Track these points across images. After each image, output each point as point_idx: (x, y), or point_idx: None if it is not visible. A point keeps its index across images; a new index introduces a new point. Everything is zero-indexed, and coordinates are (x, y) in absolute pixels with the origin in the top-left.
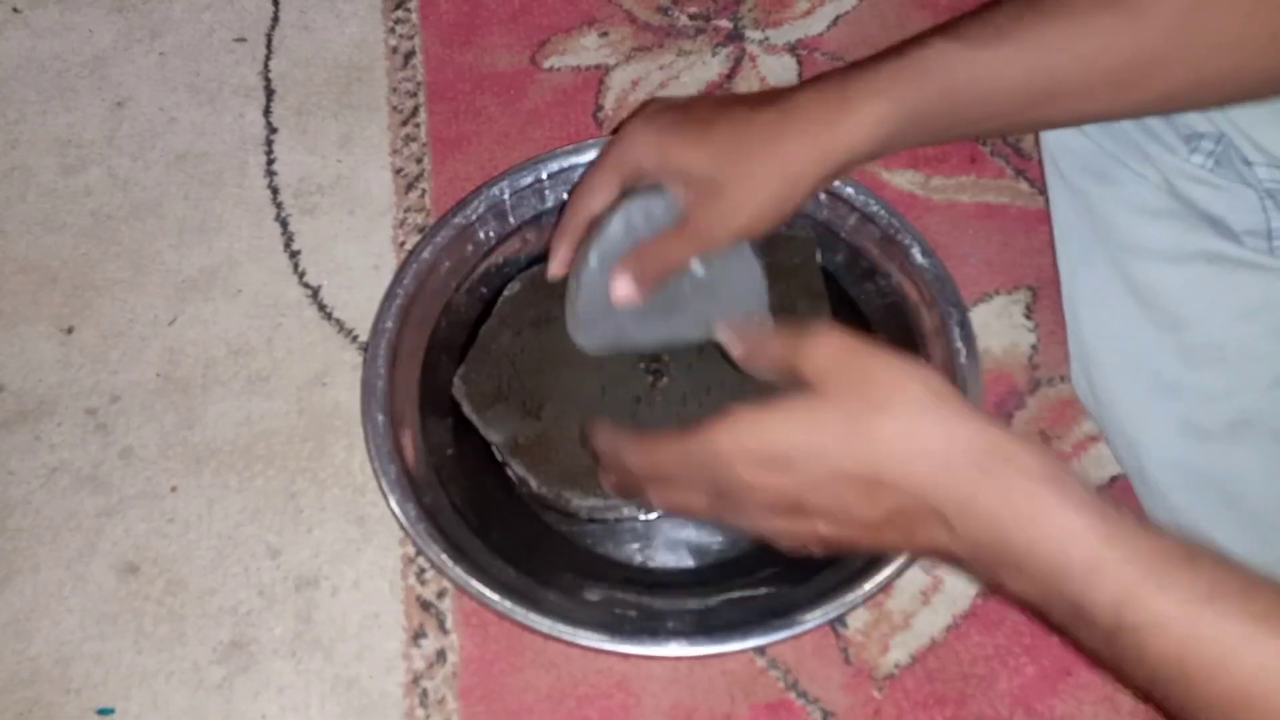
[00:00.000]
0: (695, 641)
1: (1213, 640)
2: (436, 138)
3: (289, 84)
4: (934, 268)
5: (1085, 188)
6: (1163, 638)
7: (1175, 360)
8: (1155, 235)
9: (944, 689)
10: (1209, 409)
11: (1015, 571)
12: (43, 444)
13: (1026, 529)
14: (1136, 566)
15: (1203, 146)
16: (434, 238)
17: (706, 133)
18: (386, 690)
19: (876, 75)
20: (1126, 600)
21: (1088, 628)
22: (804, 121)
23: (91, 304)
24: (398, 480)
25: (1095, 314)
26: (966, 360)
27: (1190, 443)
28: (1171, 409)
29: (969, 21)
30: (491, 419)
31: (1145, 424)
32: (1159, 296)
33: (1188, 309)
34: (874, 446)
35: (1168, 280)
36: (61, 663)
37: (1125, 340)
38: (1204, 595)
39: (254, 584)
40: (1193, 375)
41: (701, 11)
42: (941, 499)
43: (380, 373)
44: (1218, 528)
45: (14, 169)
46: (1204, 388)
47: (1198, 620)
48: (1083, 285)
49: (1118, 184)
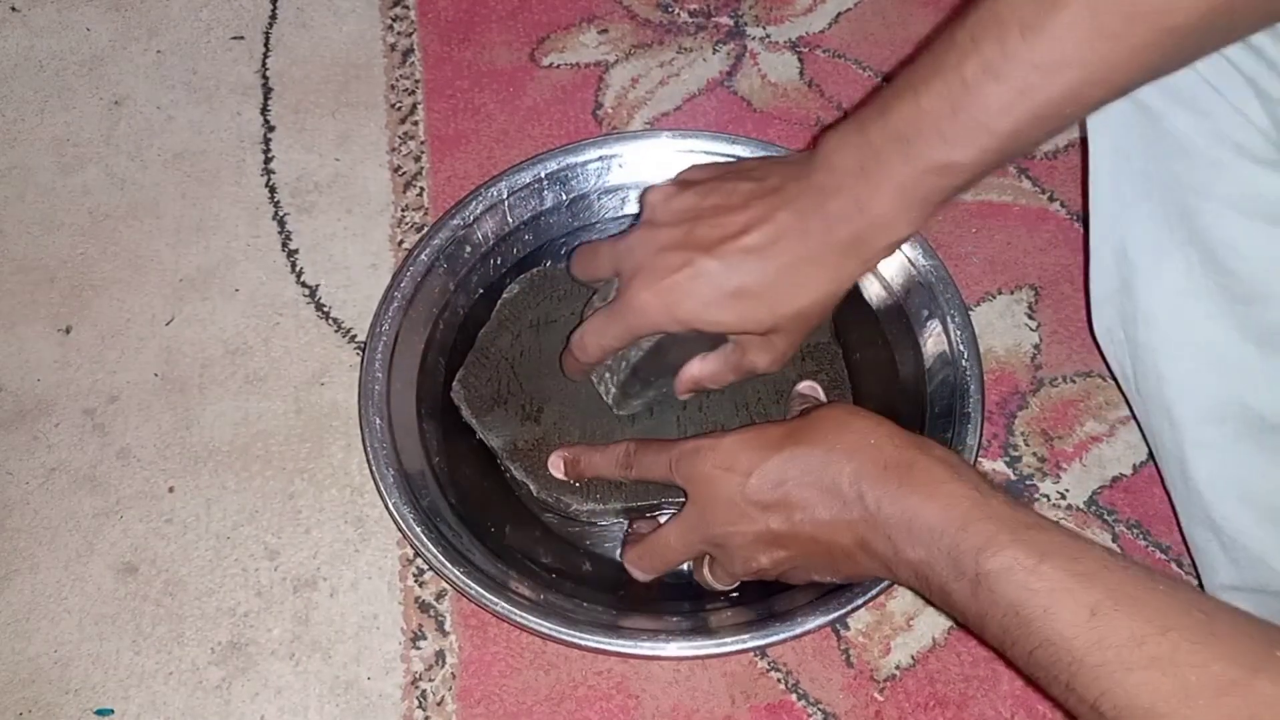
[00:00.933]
0: (695, 642)
1: (1038, 590)
2: (435, 135)
3: (287, 82)
4: (936, 269)
5: (1162, 110)
6: (1009, 583)
7: (1242, 336)
8: (1247, 184)
9: (945, 690)
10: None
11: (908, 533)
12: (41, 444)
13: (921, 493)
14: (996, 524)
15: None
16: (431, 239)
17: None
18: (385, 692)
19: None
20: (984, 548)
21: (958, 580)
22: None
23: (89, 304)
24: (396, 483)
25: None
26: (967, 361)
27: (1245, 434)
28: (1230, 392)
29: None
30: (491, 423)
31: (1196, 404)
32: (1238, 259)
33: (1274, 279)
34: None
35: (1255, 241)
36: (60, 663)
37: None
38: (1041, 551)
39: (252, 585)
40: (1265, 358)
41: (702, 8)
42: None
43: (378, 376)
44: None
45: (12, 168)
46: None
47: (1034, 571)
48: (1133, 221)
49: (1209, 116)
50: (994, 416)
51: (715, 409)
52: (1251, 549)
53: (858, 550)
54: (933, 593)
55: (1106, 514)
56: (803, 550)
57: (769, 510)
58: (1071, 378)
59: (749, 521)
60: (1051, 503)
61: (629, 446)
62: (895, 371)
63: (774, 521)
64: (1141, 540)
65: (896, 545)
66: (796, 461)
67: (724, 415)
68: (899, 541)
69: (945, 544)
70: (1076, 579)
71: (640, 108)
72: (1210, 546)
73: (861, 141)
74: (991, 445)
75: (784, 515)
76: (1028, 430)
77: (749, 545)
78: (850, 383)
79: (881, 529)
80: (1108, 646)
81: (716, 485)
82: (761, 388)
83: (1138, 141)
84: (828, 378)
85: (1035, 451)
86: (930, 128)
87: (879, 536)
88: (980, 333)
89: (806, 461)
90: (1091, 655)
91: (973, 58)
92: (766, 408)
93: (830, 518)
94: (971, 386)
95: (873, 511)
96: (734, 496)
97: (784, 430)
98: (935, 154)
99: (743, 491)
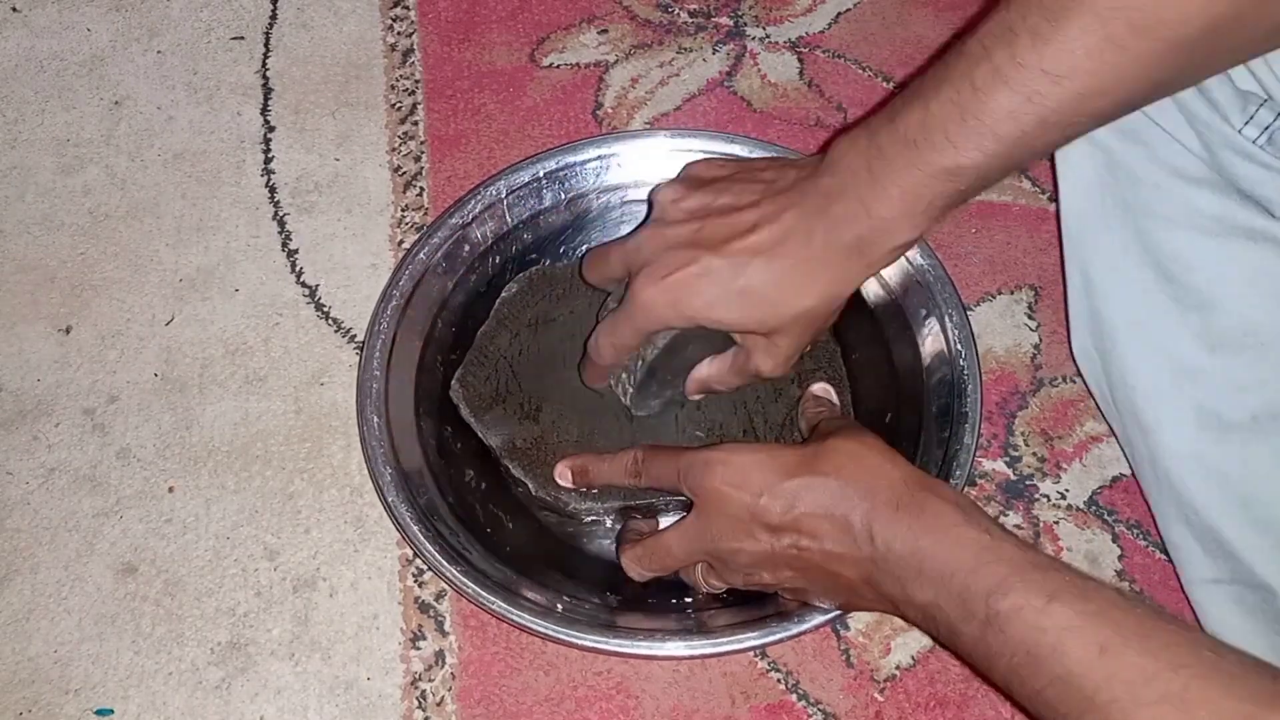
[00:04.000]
0: (695, 642)
1: (1049, 630)
2: (435, 136)
3: (287, 82)
4: (934, 269)
5: (1110, 144)
6: (1019, 623)
7: (1197, 343)
8: (1188, 203)
9: (946, 691)
10: (1232, 399)
11: (917, 575)
12: (40, 444)
13: (932, 535)
14: (1007, 566)
15: (1260, 117)
16: (430, 238)
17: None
18: (385, 692)
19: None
20: (994, 591)
21: (967, 622)
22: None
23: (89, 304)
24: (394, 481)
25: (1111, 284)
26: (965, 360)
27: (1207, 434)
28: (1190, 395)
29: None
30: (489, 422)
31: (1162, 409)
32: (1186, 271)
33: (1218, 288)
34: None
35: (1198, 254)
36: (60, 663)
37: (1144, 315)
38: (1051, 592)
39: (252, 585)
40: (1217, 361)
41: (702, 8)
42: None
43: (376, 374)
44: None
45: (12, 168)
46: (1229, 375)
47: (1043, 611)
48: (1098, 252)
49: (1149, 144)
50: (994, 416)
51: (714, 407)
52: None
53: (863, 585)
54: (940, 633)
55: (1106, 514)
56: (806, 575)
57: (776, 533)
58: (1071, 378)
59: (754, 541)
60: (1051, 503)
61: (637, 454)
62: (893, 370)
63: (780, 545)
64: (1141, 540)
65: (905, 587)
66: (808, 489)
67: (723, 414)
68: (908, 583)
69: (955, 586)
70: (1086, 618)
71: (640, 108)
72: (1186, 542)
73: (870, 145)
74: (991, 445)
75: (791, 540)
76: (1028, 430)
77: (752, 563)
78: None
79: (890, 570)
80: (1118, 683)
81: (725, 501)
82: (761, 387)
83: (1094, 176)
84: (827, 376)
85: (1035, 451)
86: (938, 131)
87: (887, 578)
88: (980, 333)
89: (819, 491)
90: (1102, 692)
91: (983, 64)
92: (765, 406)
93: (839, 551)
94: (969, 386)
95: (882, 552)
96: (741, 515)
97: (798, 456)
98: (941, 158)
99: (751, 511)
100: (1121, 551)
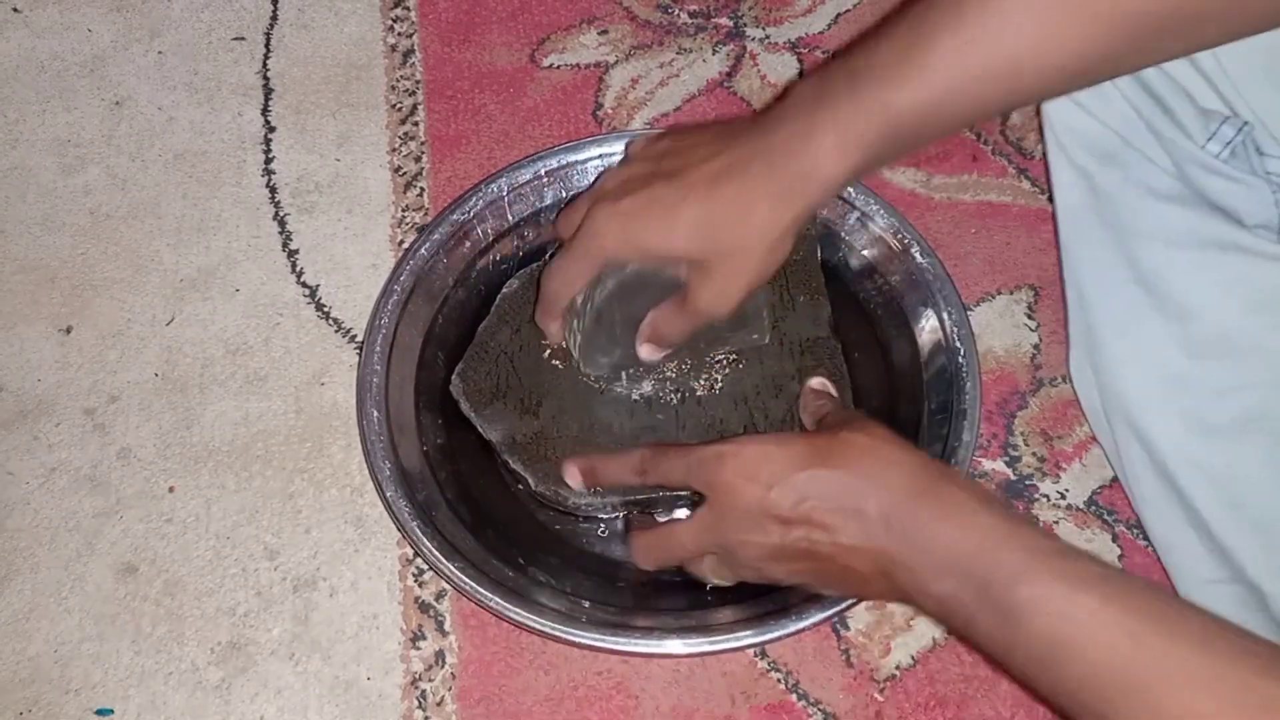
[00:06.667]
0: (695, 641)
1: (1075, 619)
2: (435, 136)
3: (287, 82)
4: (933, 267)
5: (1091, 169)
6: (1043, 612)
7: (1180, 351)
8: (1164, 219)
9: (946, 690)
10: (1215, 403)
11: (936, 563)
12: (41, 444)
13: (951, 523)
14: (1028, 555)
15: (1221, 133)
16: (431, 234)
17: (674, 217)
18: (385, 692)
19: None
20: (1016, 580)
21: (988, 613)
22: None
23: (90, 304)
24: (393, 476)
25: (1101, 298)
26: (965, 360)
27: (1194, 438)
28: (1177, 402)
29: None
30: (490, 416)
31: (1153, 415)
32: (1166, 283)
33: (1195, 298)
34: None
35: (1176, 267)
36: (60, 663)
37: (1132, 328)
38: (1074, 579)
39: (252, 585)
40: (1199, 368)
41: (702, 9)
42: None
43: (376, 369)
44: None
45: (13, 169)
46: (1211, 381)
47: (1065, 601)
48: (1087, 270)
49: (1125, 166)
50: (994, 416)
51: (715, 405)
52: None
53: (877, 577)
54: (956, 622)
55: (1106, 514)
56: (817, 568)
57: (788, 526)
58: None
59: (765, 534)
60: (1051, 503)
61: (644, 453)
62: (892, 368)
63: (791, 537)
64: (1142, 540)
65: (921, 577)
66: (820, 481)
67: (723, 410)
68: (924, 573)
69: (976, 574)
70: (1112, 604)
71: (640, 108)
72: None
73: (818, 80)
74: (991, 445)
75: (803, 533)
76: (1027, 430)
77: (763, 556)
78: None
79: (907, 560)
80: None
81: (736, 494)
82: (760, 383)
83: (1080, 199)
84: (827, 373)
85: (1035, 451)
86: (879, 67)
87: (902, 568)
88: (980, 333)
89: (831, 483)
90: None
91: (931, 13)
92: (765, 402)
93: (852, 543)
94: (968, 382)
95: (899, 541)
96: (753, 508)
97: (809, 447)
98: (879, 91)
99: (762, 504)
100: (1121, 551)
